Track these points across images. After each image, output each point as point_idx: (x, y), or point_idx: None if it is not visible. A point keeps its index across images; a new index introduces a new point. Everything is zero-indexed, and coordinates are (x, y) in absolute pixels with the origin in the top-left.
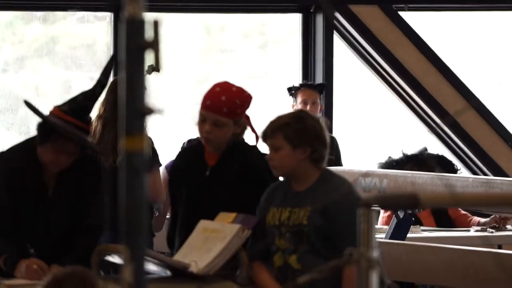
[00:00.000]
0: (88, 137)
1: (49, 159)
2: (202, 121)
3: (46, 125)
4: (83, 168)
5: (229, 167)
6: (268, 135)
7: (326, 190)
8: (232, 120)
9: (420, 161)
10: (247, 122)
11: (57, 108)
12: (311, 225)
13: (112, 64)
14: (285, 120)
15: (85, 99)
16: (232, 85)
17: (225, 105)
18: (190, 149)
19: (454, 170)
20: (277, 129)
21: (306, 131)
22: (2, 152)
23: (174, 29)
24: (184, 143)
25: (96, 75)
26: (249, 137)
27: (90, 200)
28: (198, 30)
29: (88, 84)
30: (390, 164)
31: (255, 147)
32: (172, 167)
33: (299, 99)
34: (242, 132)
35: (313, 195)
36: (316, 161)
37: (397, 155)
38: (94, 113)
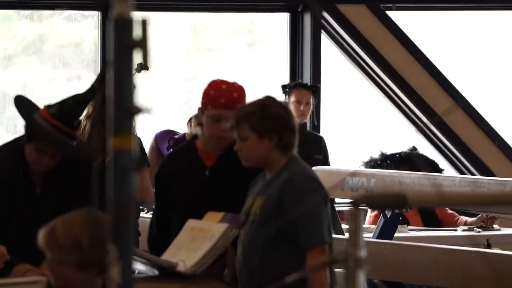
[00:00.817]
0: (74, 141)
1: (32, 159)
2: (216, 121)
3: (31, 126)
4: (72, 168)
5: (228, 167)
6: (233, 125)
7: (283, 179)
8: None
9: (398, 160)
10: None
11: (46, 109)
12: (261, 215)
13: (103, 72)
14: (250, 109)
15: (75, 104)
16: (228, 81)
17: (238, 101)
18: (180, 150)
19: (438, 169)
20: (242, 119)
21: (272, 119)
22: None
23: (161, 27)
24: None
25: (83, 73)
26: None
27: (79, 200)
28: (185, 29)
29: (74, 82)
30: (370, 163)
31: None
32: (162, 169)
33: (292, 98)
34: None
35: (273, 185)
36: (285, 148)
37: (377, 155)
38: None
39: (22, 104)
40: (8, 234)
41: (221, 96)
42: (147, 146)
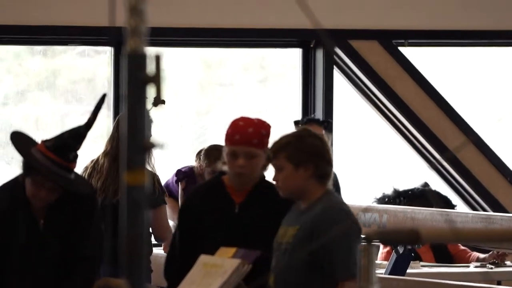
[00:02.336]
0: (71, 174)
1: (30, 193)
2: (232, 157)
3: (28, 160)
4: (76, 200)
5: (258, 204)
6: (270, 156)
7: (318, 210)
8: (262, 150)
9: (411, 196)
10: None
11: (43, 143)
12: (293, 244)
13: (102, 104)
14: (286, 140)
15: (70, 137)
16: (251, 118)
17: (253, 136)
18: (207, 186)
19: (451, 205)
20: (278, 150)
21: (307, 149)
22: None
23: (174, 62)
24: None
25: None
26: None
27: (83, 231)
28: (198, 64)
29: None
30: (383, 199)
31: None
32: (186, 205)
33: None
34: (267, 164)
35: (307, 215)
36: (320, 178)
37: (390, 191)
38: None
39: (19, 139)
40: (12, 268)
41: (236, 133)
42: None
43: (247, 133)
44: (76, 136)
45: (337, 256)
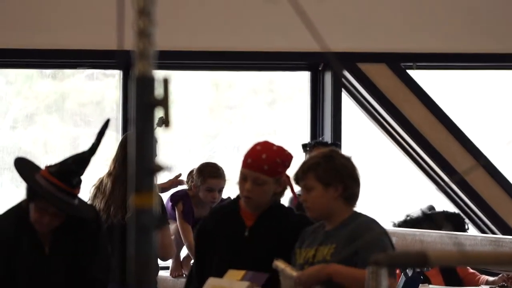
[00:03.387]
0: (75, 200)
1: (34, 218)
2: (243, 180)
3: (32, 186)
4: (81, 225)
5: (268, 227)
6: (300, 176)
7: (355, 228)
8: (273, 178)
9: (436, 220)
10: (287, 181)
11: (47, 169)
12: (333, 261)
13: (106, 129)
14: (316, 160)
15: (74, 163)
16: (273, 144)
17: (265, 163)
18: (223, 208)
19: (465, 230)
20: (308, 170)
21: (337, 170)
22: None
23: (182, 85)
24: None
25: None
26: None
27: (89, 254)
28: (207, 87)
29: None
30: (410, 222)
31: (291, 208)
32: (203, 226)
33: None
34: (283, 191)
35: (339, 233)
36: (349, 199)
37: (414, 214)
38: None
39: (23, 165)
40: None
41: (249, 156)
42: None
43: (259, 158)
44: (79, 161)
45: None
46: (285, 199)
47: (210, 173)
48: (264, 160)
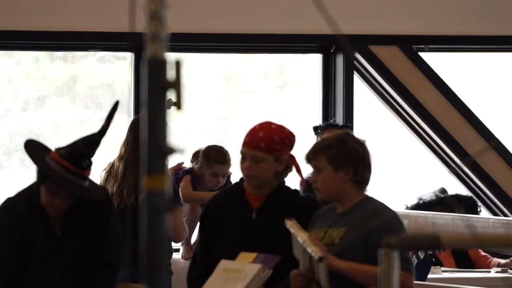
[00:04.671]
0: (85, 182)
1: (45, 201)
2: (242, 159)
3: (42, 169)
4: (91, 205)
5: (276, 209)
6: (311, 156)
7: (367, 214)
8: (272, 156)
9: (449, 203)
10: (292, 161)
11: (57, 151)
12: (342, 245)
13: (115, 111)
14: (328, 142)
15: (83, 145)
16: (272, 123)
17: (262, 140)
18: (228, 191)
19: (477, 212)
20: (319, 151)
21: (348, 153)
22: (8, 199)
23: (194, 69)
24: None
25: (116, 114)
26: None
27: (101, 237)
28: (218, 71)
29: None
30: (420, 206)
31: (297, 190)
32: (207, 210)
33: None
34: (285, 171)
35: (350, 217)
36: (359, 184)
37: (427, 197)
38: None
39: (33, 147)
40: (30, 277)
41: (247, 135)
42: None
43: (256, 136)
44: (89, 143)
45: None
46: (296, 183)
47: (216, 158)
48: (261, 138)
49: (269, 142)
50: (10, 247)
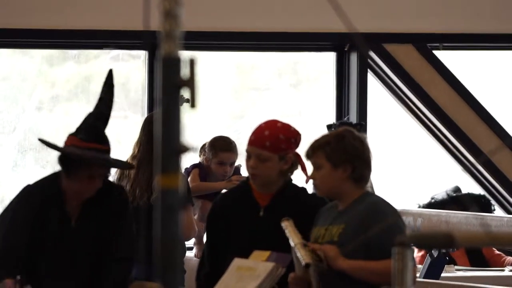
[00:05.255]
0: (109, 155)
1: (78, 189)
2: (248, 158)
3: (68, 157)
4: (107, 197)
5: (283, 207)
6: (310, 153)
7: (365, 210)
8: (277, 155)
9: (462, 202)
10: (298, 159)
11: (74, 137)
12: (341, 242)
13: (111, 79)
14: (327, 139)
15: (96, 120)
16: (278, 121)
17: (267, 139)
18: (235, 190)
19: (491, 211)
20: (318, 148)
21: (346, 150)
22: (28, 185)
23: (208, 67)
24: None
25: (130, 113)
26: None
27: (115, 232)
28: (232, 69)
29: (121, 123)
30: (432, 205)
31: (304, 188)
32: (214, 209)
33: None
34: (291, 169)
35: (349, 213)
36: (357, 181)
37: (439, 196)
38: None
39: (52, 144)
40: (44, 266)
41: (253, 134)
42: None
43: (262, 135)
44: (101, 117)
45: (385, 241)
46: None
47: (221, 147)
48: (267, 137)
49: (274, 141)
50: (25, 231)
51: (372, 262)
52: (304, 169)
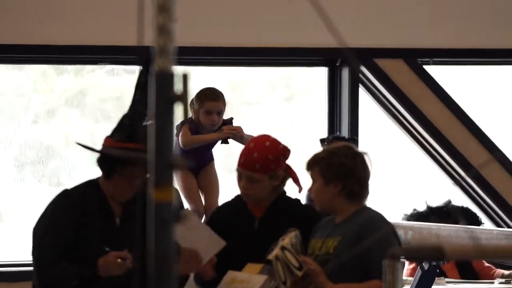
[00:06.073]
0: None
1: (120, 190)
2: (239, 178)
3: (106, 159)
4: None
5: (278, 218)
6: (307, 166)
7: (360, 224)
8: (267, 175)
9: (444, 213)
10: (289, 172)
11: (111, 139)
12: (336, 254)
13: (143, 78)
14: (322, 155)
15: (131, 120)
16: (267, 140)
17: (257, 161)
18: (230, 202)
19: (478, 223)
20: (313, 162)
21: (335, 168)
22: (66, 189)
23: (201, 81)
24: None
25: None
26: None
27: None
28: (225, 83)
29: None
30: (415, 216)
31: (298, 200)
32: (213, 219)
33: None
34: (282, 183)
35: (344, 227)
36: (350, 197)
37: (422, 208)
38: None
39: (86, 146)
40: (89, 263)
41: (242, 155)
42: None
43: (251, 157)
44: (136, 117)
45: (376, 255)
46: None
47: (207, 95)
48: (256, 159)
49: (263, 162)
50: (68, 231)
51: (356, 284)
52: (296, 181)
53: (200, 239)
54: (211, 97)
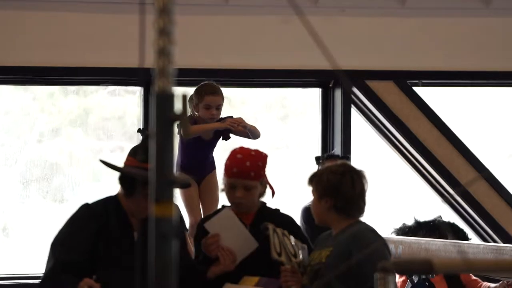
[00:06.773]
0: None
1: (141, 208)
2: (231, 189)
3: (127, 177)
4: None
5: (267, 221)
6: (308, 182)
7: (351, 236)
8: (258, 181)
9: (432, 227)
10: (266, 179)
11: (134, 159)
12: (327, 263)
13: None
14: (319, 171)
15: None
16: (249, 149)
17: (251, 169)
18: (218, 211)
19: (465, 237)
20: (312, 178)
21: (323, 185)
22: (87, 203)
23: None
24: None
25: (126, 144)
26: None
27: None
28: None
29: (117, 154)
30: (404, 230)
31: (277, 209)
32: (199, 231)
33: None
34: (265, 191)
35: (338, 238)
36: (340, 212)
37: (410, 222)
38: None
39: (109, 164)
40: (110, 277)
41: (233, 166)
42: None
43: (244, 166)
44: None
45: (368, 268)
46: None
47: (207, 90)
48: (250, 167)
49: (256, 169)
50: (86, 243)
51: None
52: (271, 187)
53: (236, 239)
54: (210, 92)
